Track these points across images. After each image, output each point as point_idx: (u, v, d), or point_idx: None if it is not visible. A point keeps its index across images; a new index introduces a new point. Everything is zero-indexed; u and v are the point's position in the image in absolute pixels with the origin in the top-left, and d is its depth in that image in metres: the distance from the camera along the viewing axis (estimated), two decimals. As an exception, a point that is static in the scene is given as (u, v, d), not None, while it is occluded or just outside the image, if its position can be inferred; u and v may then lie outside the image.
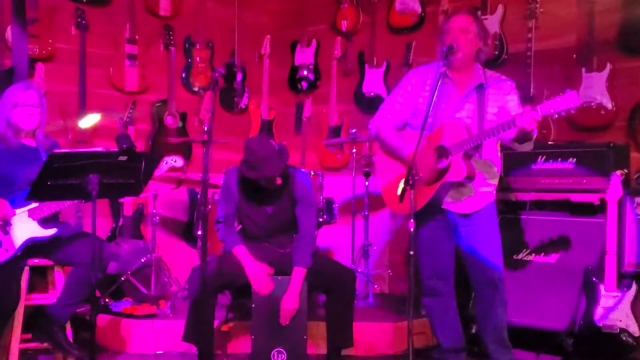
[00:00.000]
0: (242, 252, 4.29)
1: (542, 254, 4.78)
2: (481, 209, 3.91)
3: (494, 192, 3.97)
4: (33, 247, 3.93)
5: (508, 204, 4.86)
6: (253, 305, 4.28)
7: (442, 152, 3.74)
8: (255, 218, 4.36)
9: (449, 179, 3.72)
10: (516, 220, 4.88)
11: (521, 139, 3.68)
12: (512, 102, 3.87)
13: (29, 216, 3.92)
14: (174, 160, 4.90)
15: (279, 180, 4.26)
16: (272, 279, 4.28)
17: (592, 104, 5.04)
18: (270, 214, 4.36)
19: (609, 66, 5.00)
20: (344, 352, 4.36)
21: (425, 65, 4.10)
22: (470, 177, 3.72)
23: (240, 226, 4.59)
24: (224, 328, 4.62)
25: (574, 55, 5.20)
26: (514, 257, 4.83)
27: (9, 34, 5.34)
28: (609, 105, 5.00)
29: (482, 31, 3.88)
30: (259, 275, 4.24)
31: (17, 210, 3.90)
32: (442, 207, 3.92)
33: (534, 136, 3.71)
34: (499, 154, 4.03)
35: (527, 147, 3.80)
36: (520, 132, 3.57)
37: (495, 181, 3.97)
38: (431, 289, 4.08)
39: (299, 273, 4.24)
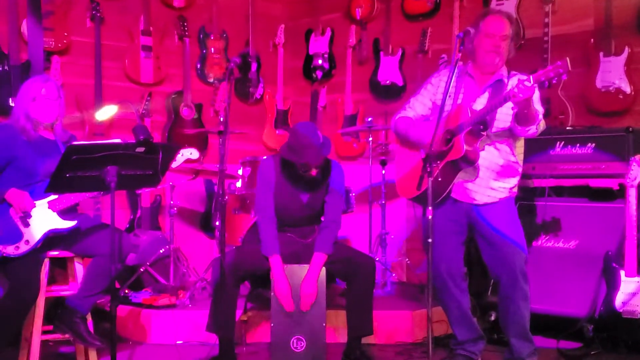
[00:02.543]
0: (277, 265, 4.25)
1: (562, 240, 4.76)
2: (495, 202, 3.90)
3: (513, 189, 3.96)
4: (53, 238, 3.95)
5: (526, 190, 4.83)
6: (272, 294, 4.29)
7: (447, 135, 3.79)
8: (290, 207, 4.36)
9: (450, 158, 3.76)
10: (535, 206, 4.86)
11: (522, 116, 3.65)
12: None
13: (49, 207, 3.94)
14: (190, 153, 4.90)
15: (314, 172, 4.26)
16: (291, 267, 4.28)
17: (611, 88, 5.00)
18: (305, 204, 4.37)
19: (627, 50, 4.97)
20: (364, 340, 4.36)
21: (446, 67, 4.16)
22: (468, 159, 3.73)
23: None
24: (243, 317, 4.63)
25: (592, 40, 5.16)
26: (534, 243, 4.82)
27: (24, 27, 5.37)
28: (628, 90, 4.97)
29: (516, 35, 3.94)
30: (285, 295, 4.23)
31: (37, 202, 3.92)
32: (453, 196, 3.91)
33: (537, 118, 3.69)
34: (521, 149, 3.99)
35: (532, 132, 3.74)
36: (519, 106, 3.56)
37: (514, 179, 3.94)
38: (441, 283, 4.06)
39: (319, 258, 4.25)
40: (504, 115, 3.81)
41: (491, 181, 3.88)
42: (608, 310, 4.31)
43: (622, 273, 4.29)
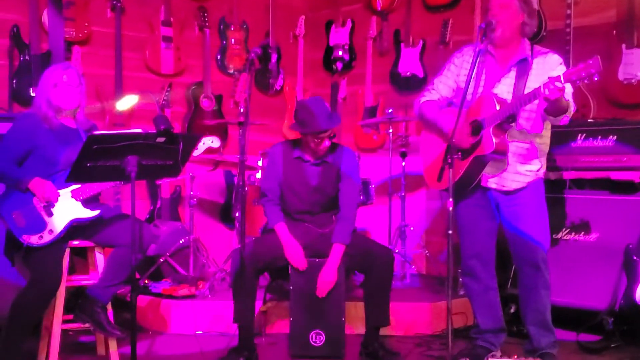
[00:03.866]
0: (282, 230, 4.31)
1: (583, 232, 4.73)
2: (524, 187, 3.86)
3: (540, 171, 3.91)
4: (76, 228, 3.97)
5: (547, 182, 4.78)
6: (291, 287, 4.29)
7: (475, 126, 3.74)
8: (299, 190, 4.37)
9: (478, 153, 3.72)
10: (556, 199, 4.83)
11: (552, 110, 3.61)
12: None
13: (72, 197, 3.96)
14: (212, 141, 4.91)
15: (326, 142, 4.26)
16: (311, 261, 4.29)
17: (633, 80, 4.95)
18: (314, 187, 4.37)
19: (649, 42, 4.92)
20: (382, 331, 4.36)
21: (469, 45, 4.07)
22: (498, 152, 3.69)
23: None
24: (263, 308, 4.65)
25: (614, 32, 5.10)
26: (554, 236, 4.78)
27: (45, 17, 5.39)
28: (650, 82, 4.92)
29: (524, 4, 3.80)
30: (296, 255, 4.26)
31: (61, 191, 3.94)
32: (483, 184, 3.89)
33: (569, 109, 3.65)
34: (547, 132, 3.93)
35: (562, 121, 3.71)
36: (549, 104, 3.50)
37: (540, 161, 3.90)
38: (470, 269, 4.06)
39: (338, 249, 4.26)
40: (529, 113, 3.78)
41: (518, 165, 3.84)
42: (628, 303, 4.28)
43: (644, 266, 4.27)
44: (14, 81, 5.29)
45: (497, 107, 3.65)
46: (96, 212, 4.00)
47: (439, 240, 6.03)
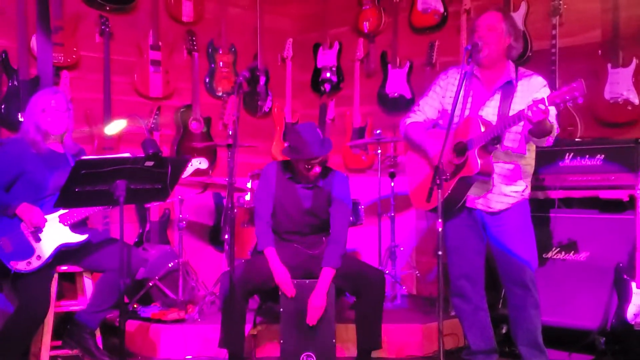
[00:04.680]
0: (271, 255, 4.28)
1: (572, 252, 4.73)
2: (509, 208, 3.87)
3: (524, 192, 3.92)
4: (64, 253, 3.96)
5: (536, 202, 4.80)
6: (281, 310, 4.27)
7: (460, 147, 3.75)
8: (291, 212, 4.36)
9: (464, 174, 3.73)
10: (545, 218, 4.83)
11: (536, 132, 3.63)
12: None
13: (60, 222, 3.94)
14: (199, 162, 4.91)
15: (317, 168, 4.26)
16: (301, 282, 4.27)
17: (619, 99, 4.98)
18: (306, 209, 4.37)
19: (635, 61, 4.94)
20: (374, 354, 4.34)
21: (455, 67, 4.09)
22: (483, 173, 3.71)
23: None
24: (253, 332, 4.62)
25: (599, 51, 5.13)
26: (544, 255, 4.78)
27: (34, 43, 5.39)
28: (636, 101, 4.94)
29: (511, 27, 3.84)
30: (285, 281, 4.25)
31: (48, 217, 3.92)
32: (469, 205, 3.90)
33: (553, 131, 3.67)
34: (532, 153, 3.95)
35: (546, 142, 3.73)
36: (533, 125, 3.52)
37: (524, 182, 3.91)
38: (459, 290, 4.04)
39: (327, 273, 4.24)
40: (514, 135, 3.79)
41: (503, 186, 3.85)
42: (620, 323, 4.27)
43: (634, 285, 4.26)
44: (3, 106, 5.27)
45: (482, 129, 3.67)
46: (84, 237, 3.98)
47: (428, 260, 6.02)
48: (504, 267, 3.93)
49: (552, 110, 3.59)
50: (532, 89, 3.80)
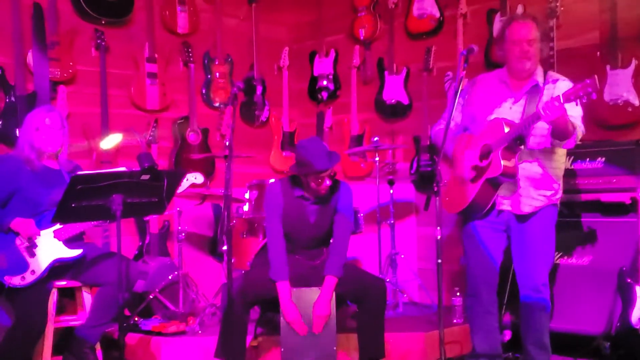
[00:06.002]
0: (284, 291, 4.22)
1: (575, 256, 4.71)
2: (537, 211, 3.92)
3: (554, 197, 3.97)
4: (59, 268, 3.95)
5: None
6: (282, 318, 4.24)
7: (484, 149, 3.83)
8: (299, 227, 4.34)
9: (488, 175, 3.80)
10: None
11: (557, 132, 3.69)
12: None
13: (54, 237, 3.93)
14: (195, 177, 4.89)
15: (327, 181, 4.23)
16: (301, 290, 4.24)
17: (619, 101, 4.96)
18: (312, 224, 4.34)
19: (634, 62, 4.92)
20: (376, 363, 4.31)
21: (486, 73, 4.18)
22: (507, 174, 3.77)
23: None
24: (253, 343, 4.59)
25: (598, 53, 5.12)
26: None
27: (30, 58, 5.38)
28: (636, 102, 4.92)
29: (544, 35, 3.94)
30: (295, 320, 4.21)
31: (43, 232, 3.91)
32: (497, 208, 3.96)
33: (577, 132, 3.75)
34: (561, 157, 4.01)
35: (568, 144, 3.81)
36: (552, 125, 3.60)
37: (554, 186, 3.95)
38: (474, 290, 4.11)
39: (330, 281, 4.22)
40: (540, 130, 3.82)
41: (531, 190, 3.90)
42: (624, 327, 4.24)
43: (638, 289, 4.23)
44: (0, 122, 5.26)
45: (506, 130, 3.74)
46: (79, 252, 3.98)
47: (431, 267, 5.98)
48: (521, 269, 4.00)
49: (578, 111, 3.72)
50: (558, 92, 3.79)
